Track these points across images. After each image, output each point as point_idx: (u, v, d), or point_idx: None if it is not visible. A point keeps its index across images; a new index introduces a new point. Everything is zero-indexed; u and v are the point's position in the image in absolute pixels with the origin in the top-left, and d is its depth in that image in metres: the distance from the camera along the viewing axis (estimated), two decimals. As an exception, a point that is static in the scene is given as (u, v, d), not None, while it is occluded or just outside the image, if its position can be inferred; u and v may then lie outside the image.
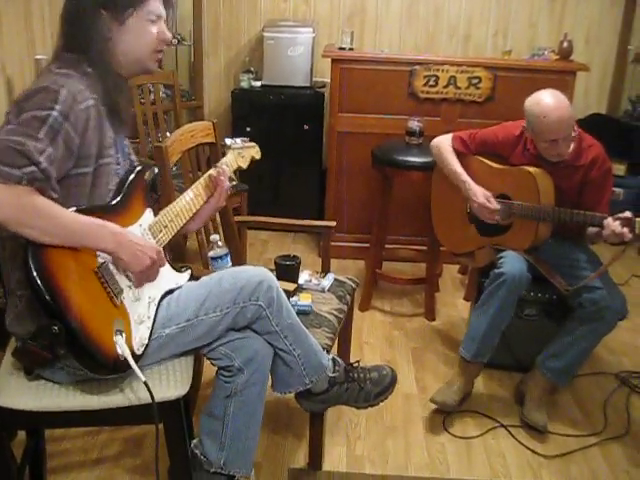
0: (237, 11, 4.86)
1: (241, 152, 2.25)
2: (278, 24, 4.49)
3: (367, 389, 2.13)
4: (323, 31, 4.77)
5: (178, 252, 2.02)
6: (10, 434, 2.03)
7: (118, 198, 1.74)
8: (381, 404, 2.20)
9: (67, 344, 1.53)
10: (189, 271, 1.97)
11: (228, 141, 2.24)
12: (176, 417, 1.81)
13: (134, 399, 1.71)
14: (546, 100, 2.51)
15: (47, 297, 1.49)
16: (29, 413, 1.70)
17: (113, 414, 1.74)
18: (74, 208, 1.60)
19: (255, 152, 2.32)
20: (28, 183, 1.46)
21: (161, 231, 1.85)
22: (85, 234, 1.56)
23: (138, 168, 1.84)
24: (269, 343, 1.92)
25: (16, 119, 1.52)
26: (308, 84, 4.48)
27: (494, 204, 2.74)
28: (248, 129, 4.43)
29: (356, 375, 2.14)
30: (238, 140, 2.26)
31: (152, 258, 1.67)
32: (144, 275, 1.70)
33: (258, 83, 4.55)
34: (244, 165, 2.27)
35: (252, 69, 4.68)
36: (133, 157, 1.91)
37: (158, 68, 1.85)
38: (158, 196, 1.93)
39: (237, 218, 2.74)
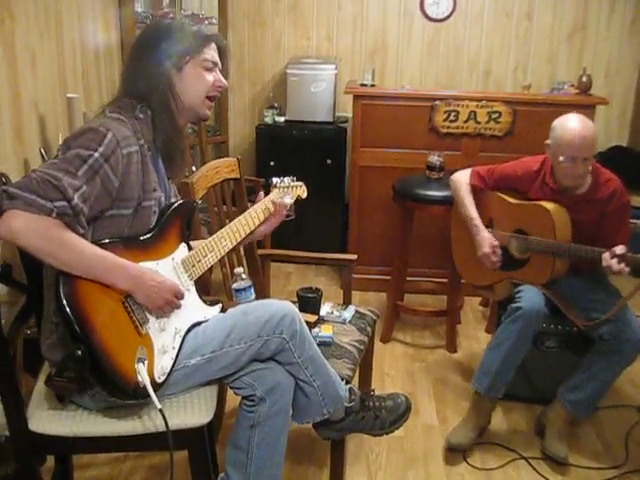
0: (261, 48, 5.00)
1: (287, 190, 2.31)
2: (301, 61, 4.60)
3: (382, 417, 2.17)
4: (345, 67, 4.89)
5: (203, 284, 2.08)
6: (40, 460, 2.09)
7: (152, 233, 1.82)
8: (398, 433, 2.23)
9: (90, 368, 1.60)
10: (219, 305, 2.02)
11: (275, 180, 2.30)
12: (200, 444, 1.86)
13: (160, 426, 1.76)
14: (575, 118, 2.61)
15: (72, 320, 1.57)
16: (59, 438, 1.77)
17: (139, 440, 1.80)
18: (107, 240, 1.69)
19: (302, 191, 2.40)
20: (58, 216, 1.56)
21: (194, 265, 1.93)
22: (103, 271, 1.65)
23: (176, 204, 1.92)
24: (290, 374, 1.97)
25: (62, 155, 1.64)
26: (331, 119, 4.58)
27: (497, 257, 2.81)
28: (272, 163, 4.53)
29: (371, 404, 2.17)
30: (286, 179, 2.32)
31: (165, 299, 1.76)
32: (158, 312, 1.78)
33: (282, 118, 4.66)
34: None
35: (276, 105, 4.79)
36: (174, 200, 1.98)
37: (209, 115, 1.97)
38: (190, 233, 2.01)
39: (261, 251, 2.80)
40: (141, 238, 1.80)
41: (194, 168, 4.01)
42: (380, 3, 4.84)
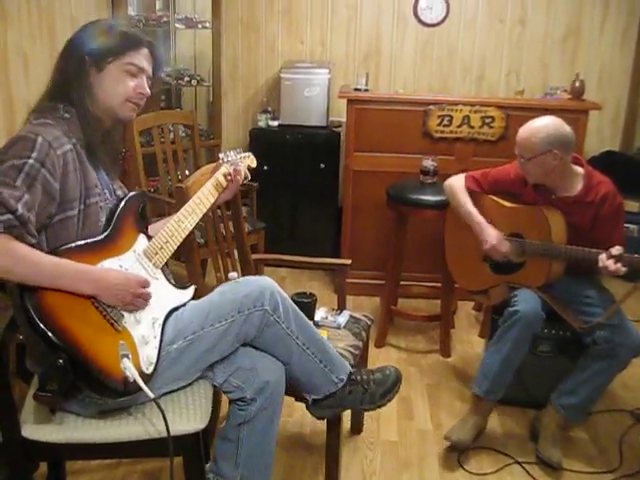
0: (255, 52, 5.00)
1: (236, 160, 2.28)
2: (295, 65, 4.60)
3: (371, 390, 2.12)
4: (339, 72, 4.89)
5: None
6: (33, 466, 2.08)
7: (107, 231, 1.79)
8: (392, 437, 2.22)
9: (76, 374, 1.58)
10: (193, 287, 2.01)
11: (221, 155, 2.27)
12: (195, 451, 1.84)
13: (154, 431, 1.76)
14: (539, 118, 2.65)
15: (47, 332, 1.55)
16: (52, 445, 1.75)
17: (133, 446, 1.79)
18: (65, 247, 1.67)
19: (250, 161, 2.38)
20: (5, 230, 1.53)
21: (157, 253, 1.91)
22: (63, 280, 1.62)
23: (127, 197, 1.89)
24: (285, 353, 1.97)
25: None
26: (324, 124, 4.58)
27: (506, 246, 2.78)
28: (265, 168, 4.52)
29: (359, 377, 2.13)
30: (231, 152, 2.29)
31: (133, 293, 1.74)
32: (130, 307, 1.76)
33: (275, 123, 4.66)
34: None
35: (269, 109, 4.79)
36: (120, 192, 1.94)
37: (132, 118, 1.90)
38: (146, 223, 1.98)
39: (254, 256, 2.79)
40: (98, 238, 1.76)
41: (187, 172, 4.00)
42: (374, 8, 4.85)
